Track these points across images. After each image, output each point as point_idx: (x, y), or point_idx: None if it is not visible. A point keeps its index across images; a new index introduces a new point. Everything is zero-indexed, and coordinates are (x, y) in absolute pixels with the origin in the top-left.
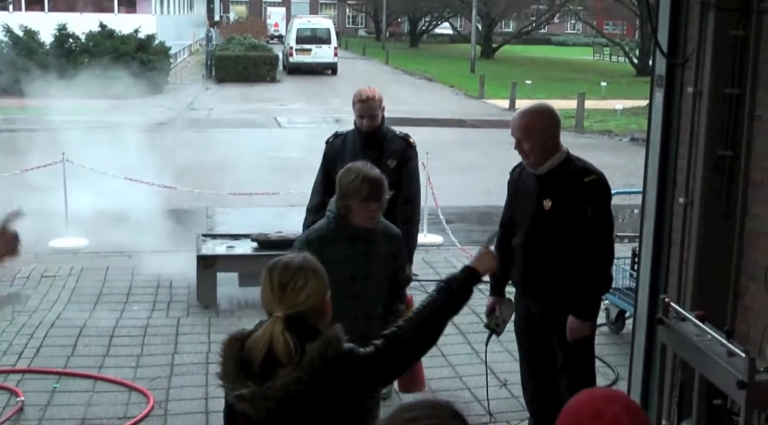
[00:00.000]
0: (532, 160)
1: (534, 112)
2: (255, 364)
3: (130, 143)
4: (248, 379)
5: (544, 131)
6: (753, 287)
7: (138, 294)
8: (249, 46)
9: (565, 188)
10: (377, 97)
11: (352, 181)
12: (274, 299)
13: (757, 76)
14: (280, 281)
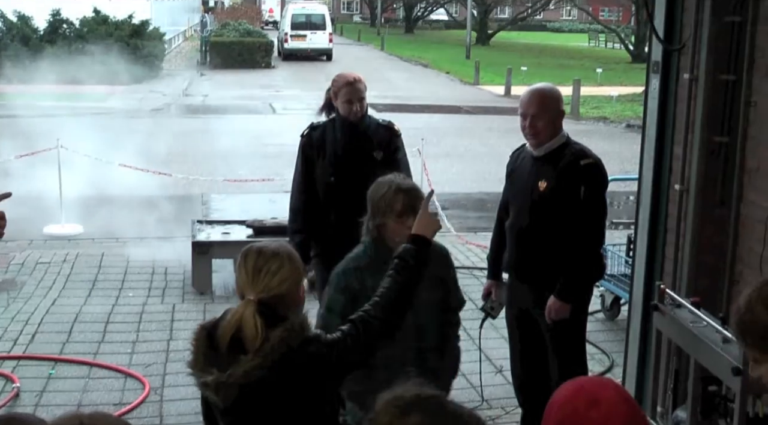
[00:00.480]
0: (542, 138)
1: (546, 89)
2: (222, 348)
3: (125, 130)
4: (213, 366)
5: (557, 108)
6: (748, 273)
7: (133, 281)
8: (244, 32)
9: (562, 170)
10: (363, 79)
11: (384, 195)
12: (248, 282)
13: (753, 62)
14: (254, 265)
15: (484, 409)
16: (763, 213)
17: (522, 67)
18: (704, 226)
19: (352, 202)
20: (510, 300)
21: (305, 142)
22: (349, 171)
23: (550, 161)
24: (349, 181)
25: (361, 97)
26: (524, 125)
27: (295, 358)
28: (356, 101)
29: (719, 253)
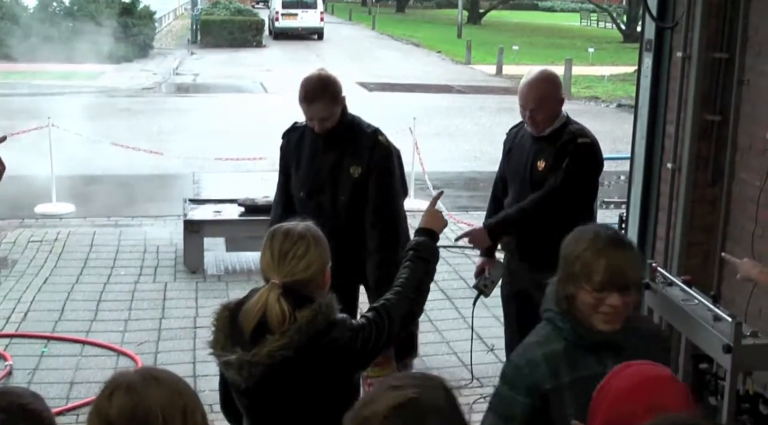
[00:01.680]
0: (542, 128)
1: (543, 80)
2: (246, 331)
3: (116, 108)
4: (236, 346)
5: (556, 98)
6: (739, 251)
7: (125, 259)
8: (234, 11)
9: (559, 148)
10: (330, 89)
11: (580, 255)
12: (273, 266)
13: (746, 40)
14: (281, 249)
15: (474, 387)
16: (755, 192)
17: (513, 47)
18: (696, 205)
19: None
20: (507, 279)
21: (283, 145)
22: (319, 188)
23: (550, 141)
24: (321, 199)
25: (323, 116)
26: (524, 114)
27: (320, 340)
28: (317, 121)
29: (711, 232)
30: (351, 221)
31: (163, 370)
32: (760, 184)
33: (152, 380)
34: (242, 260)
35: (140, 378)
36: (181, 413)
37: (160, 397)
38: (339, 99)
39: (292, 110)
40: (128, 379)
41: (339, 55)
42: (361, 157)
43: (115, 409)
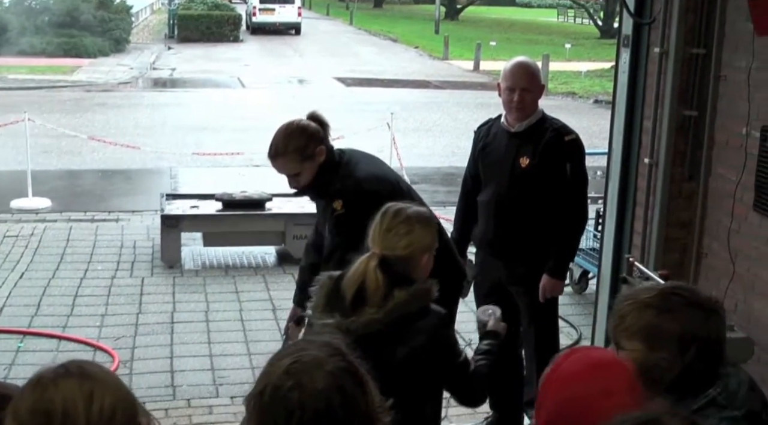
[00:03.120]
0: (528, 112)
1: (531, 62)
2: (347, 298)
3: (93, 103)
4: (335, 312)
5: (540, 81)
6: (716, 246)
7: (101, 254)
8: (212, 6)
9: (546, 145)
10: (294, 144)
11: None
12: (377, 239)
13: (723, 36)
14: (388, 225)
15: None
16: (731, 187)
17: (491, 42)
18: (673, 199)
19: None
20: (481, 276)
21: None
22: (322, 227)
23: (529, 137)
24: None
25: (287, 174)
26: (511, 98)
27: (409, 323)
28: (285, 174)
29: (687, 226)
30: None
31: (90, 363)
32: (736, 179)
33: (65, 375)
34: (220, 255)
35: (52, 373)
36: (84, 409)
37: (66, 392)
38: (308, 153)
39: (269, 105)
40: (41, 374)
41: (316, 51)
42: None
43: (24, 404)
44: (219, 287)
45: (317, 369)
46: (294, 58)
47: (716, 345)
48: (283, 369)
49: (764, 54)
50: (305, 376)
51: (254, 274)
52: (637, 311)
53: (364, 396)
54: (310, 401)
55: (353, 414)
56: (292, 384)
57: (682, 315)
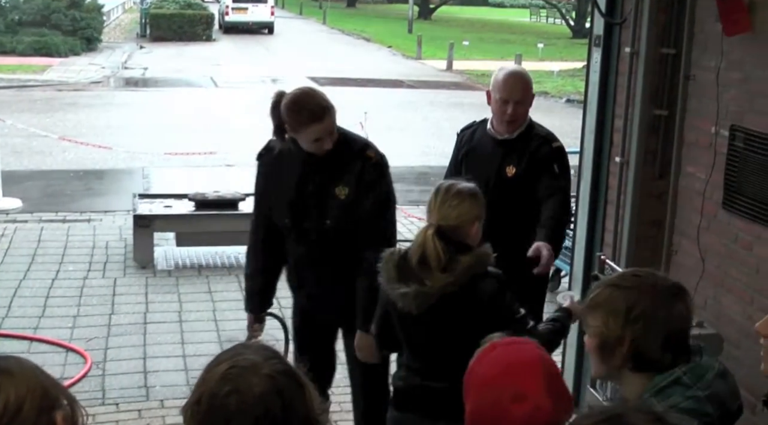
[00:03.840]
0: (519, 124)
1: (525, 73)
2: (412, 267)
3: (64, 103)
4: (408, 280)
5: (533, 92)
6: (686, 244)
7: (73, 255)
8: (184, 5)
9: (533, 155)
10: (330, 103)
11: None
12: (432, 210)
13: (692, 36)
14: (442, 199)
15: None
16: (701, 185)
17: (464, 42)
18: (644, 198)
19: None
20: None
21: (259, 167)
22: (304, 214)
23: (517, 145)
24: (306, 226)
25: (331, 130)
26: (504, 110)
27: (477, 283)
28: (323, 140)
29: (658, 224)
30: (338, 246)
31: (7, 358)
32: (706, 178)
33: None
34: (193, 255)
35: None
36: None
37: None
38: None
39: (243, 104)
40: None
41: (290, 50)
42: (348, 177)
43: None
44: (192, 288)
45: (254, 374)
46: (267, 57)
47: (664, 321)
48: (219, 375)
49: (733, 54)
50: (242, 381)
51: (228, 274)
52: (600, 289)
53: (303, 398)
54: (249, 406)
55: (293, 417)
56: (229, 390)
57: (634, 291)
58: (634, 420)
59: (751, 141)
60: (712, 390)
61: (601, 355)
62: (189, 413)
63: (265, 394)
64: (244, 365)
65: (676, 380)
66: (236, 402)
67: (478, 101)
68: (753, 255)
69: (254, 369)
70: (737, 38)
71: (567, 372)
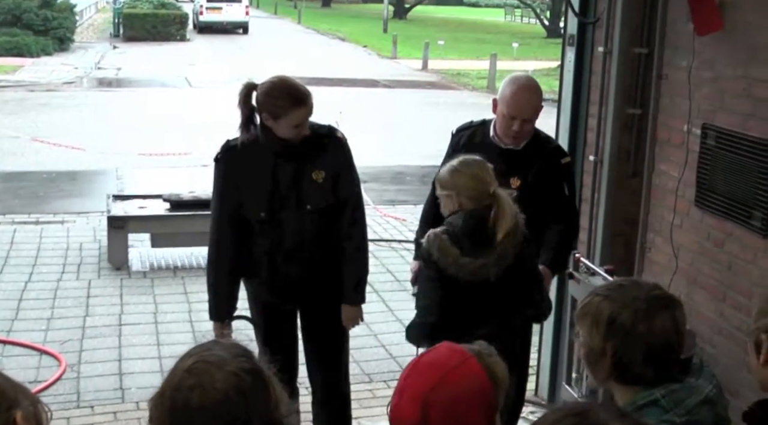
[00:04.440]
0: (523, 138)
1: (536, 89)
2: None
3: (36, 103)
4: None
5: (540, 108)
6: (659, 242)
7: (47, 257)
8: (158, 4)
9: (543, 168)
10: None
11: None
12: (491, 179)
13: (664, 35)
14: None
15: None
16: (674, 183)
17: (439, 42)
18: (617, 196)
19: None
20: None
21: (224, 168)
22: (282, 203)
23: (522, 157)
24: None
25: (307, 118)
26: (510, 126)
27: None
28: (302, 126)
29: (632, 222)
30: (315, 231)
31: None
32: (679, 176)
33: None
34: (168, 256)
35: None
36: None
37: None
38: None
39: (217, 104)
40: None
41: (265, 50)
42: (322, 161)
43: None
44: (168, 289)
45: (220, 369)
46: (242, 57)
47: (645, 334)
48: (185, 369)
49: (704, 54)
50: (206, 376)
51: (203, 275)
52: (589, 298)
53: (267, 398)
54: (211, 401)
55: (254, 416)
56: (192, 384)
57: (618, 303)
58: (600, 417)
59: (722, 139)
60: (690, 418)
61: (589, 365)
62: (153, 405)
63: (227, 390)
64: (211, 360)
65: (654, 401)
66: (198, 396)
67: (453, 100)
68: (725, 252)
69: (220, 365)
70: (708, 38)
71: (543, 369)
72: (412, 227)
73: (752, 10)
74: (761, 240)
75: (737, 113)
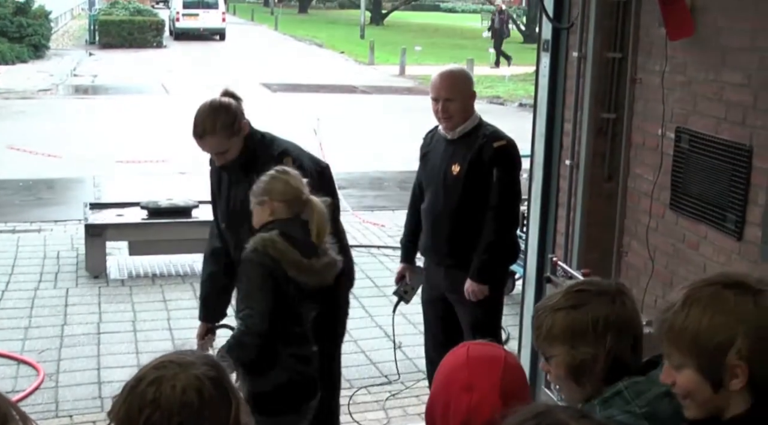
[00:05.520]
0: (456, 120)
1: (456, 71)
2: (317, 244)
3: (11, 111)
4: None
5: (468, 90)
6: (635, 245)
7: (24, 265)
8: (134, 11)
9: (475, 152)
10: (221, 121)
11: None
12: (303, 187)
13: (638, 40)
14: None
15: (384, 384)
16: (648, 186)
17: (416, 47)
18: (593, 200)
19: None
20: (426, 285)
21: (210, 171)
22: (237, 221)
23: (463, 144)
24: (239, 232)
25: (216, 152)
26: (436, 108)
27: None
28: (213, 156)
29: (608, 226)
30: None
31: None
32: (653, 179)
33: None
34: (146, 264)
35: None
36: None
37: None
38: (235, 129)
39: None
40: None
41: (241, 56)
42: (285, 153)
43: None
44: (146, 297)
45: (183, 371)
46: (219, 64)
47: (628, 323)
48: (152, 365)
49: (676, 58)
50: (169, 373)
51: (182, 282)
52: (550, 317)
53: (226, 413)
54: (164, 397)
55: (210, 421)
56: (153, 378)
57: (589, 306)
58: (559, 417)
59: (695, 142)
60: (650, 409)
61: (576, 380)
62: (116, 396)
63: (186, 390)
64: (178, 361)
65: (618, 392)
66: (154, 390)
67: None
68: (700, 254)
69: (185, 367)
70: (680, 42)
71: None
72: (390, 232)
73: (723, 15)
74: (735, 242)
75: (710, 117)
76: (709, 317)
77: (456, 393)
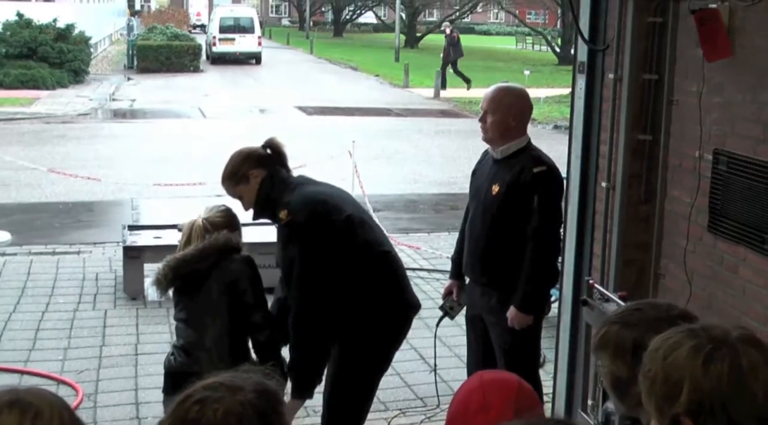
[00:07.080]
0: (490, 135)
1: (505, 87)
2: None
3: (52, 135)
4: None
5: (511, 107)
6: (673, 267)
7: (63, 287)
8: (171, 36)
9: (515, 175)
10: (230, 171)
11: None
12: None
13: (674, 62)
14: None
15: (419, 407)
16: (686, 209)
17: (450, 70)
18: (630, 222)
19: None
20: (469, 302)
21: None
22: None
23: (506, 166)
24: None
25: (234, 198)
26: (480, 118)
27: None
28: (236, 199)
29: (645, 248)
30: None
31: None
32: (691, 201)
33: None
34: None
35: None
36: None
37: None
38: (239, 176)
39: (231, 134)
40: None
41: (277, 80)
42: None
43: None
44: None
45: (231, 395)
46: (255, 87)
47: None
48: (204, 384)
49: (713, 79)
50: (215, 395)
51: None
52: (605, 328)
53: None
54: (206, 420)
55: None
56: (198, 398)
57: (639, 329)
58: None
59: (733, 164)
60: None
61: (617, 394)
62: (166, 410)
63: (228, 415)
64: (228, 384)
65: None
66: (196, 411)
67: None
68: (738, 277)
69: (234, 391)
70: (717, 63)
71: (558, 396)
72: (426, 255)
73: (760, 35)
74: None
75: (748, 138)
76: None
77: (472, 415)
